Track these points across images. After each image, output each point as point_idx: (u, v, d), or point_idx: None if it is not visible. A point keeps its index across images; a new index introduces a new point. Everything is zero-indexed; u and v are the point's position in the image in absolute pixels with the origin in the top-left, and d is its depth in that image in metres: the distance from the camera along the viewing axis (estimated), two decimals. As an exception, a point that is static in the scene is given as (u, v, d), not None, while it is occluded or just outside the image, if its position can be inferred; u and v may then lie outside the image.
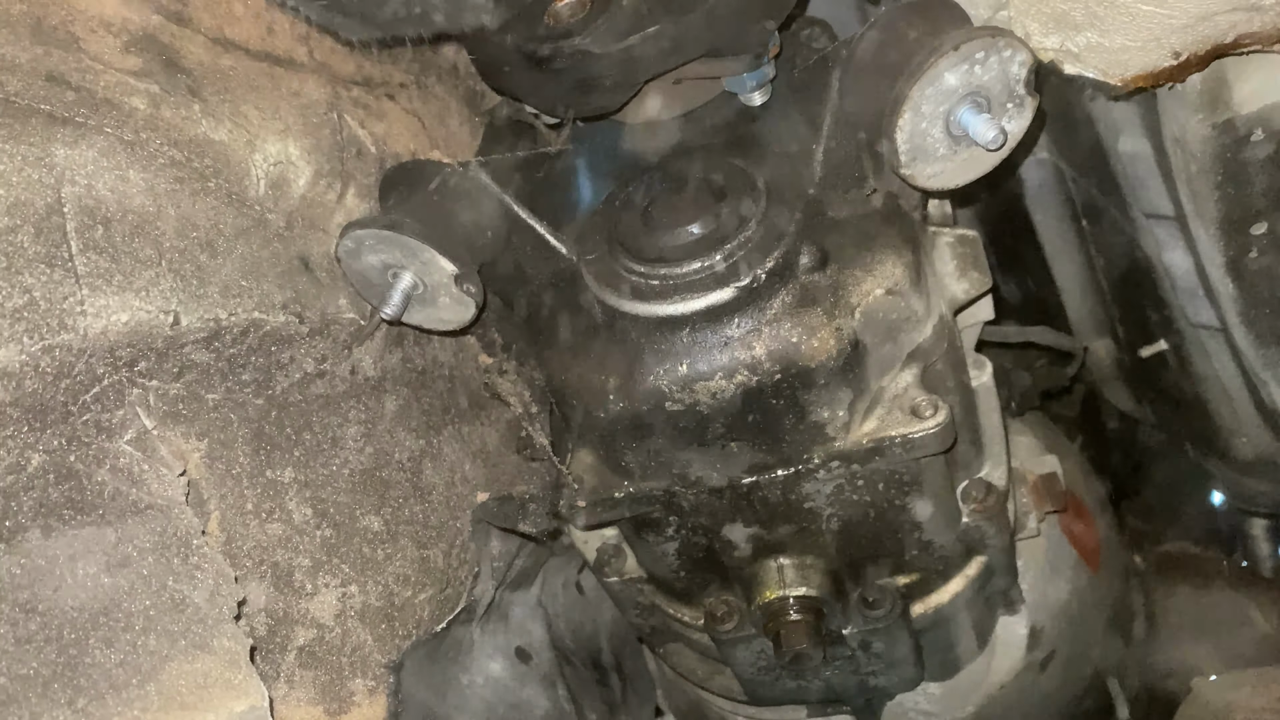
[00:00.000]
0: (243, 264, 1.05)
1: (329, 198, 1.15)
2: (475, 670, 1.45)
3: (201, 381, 1.02)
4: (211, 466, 1.04)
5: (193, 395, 1.02)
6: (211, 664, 0.96)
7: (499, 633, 1.50)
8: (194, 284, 1.01)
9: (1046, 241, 1.68)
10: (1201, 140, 1.16)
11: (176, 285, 0.99)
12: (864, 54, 1.04)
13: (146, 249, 0.98)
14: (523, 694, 1.50)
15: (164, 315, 0.98)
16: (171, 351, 0.99)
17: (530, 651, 1.54)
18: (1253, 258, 1.26)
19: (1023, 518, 1.35)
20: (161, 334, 0.97)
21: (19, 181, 0.91)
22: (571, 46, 1.00)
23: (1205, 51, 1.03)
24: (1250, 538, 2.03)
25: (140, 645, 0.94)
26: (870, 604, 1.18)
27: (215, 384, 1.03)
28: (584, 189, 1.19)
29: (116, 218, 0.96)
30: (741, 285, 0.99)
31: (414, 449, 1.25)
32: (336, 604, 1.14)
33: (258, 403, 1.07)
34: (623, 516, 1.15)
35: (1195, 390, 1.59)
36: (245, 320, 1.04)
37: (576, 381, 1.08)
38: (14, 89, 0.93)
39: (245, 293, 1.05)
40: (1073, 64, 1.07)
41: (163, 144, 1.01)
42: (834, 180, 1.09)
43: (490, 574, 1.38)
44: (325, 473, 1.14)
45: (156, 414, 0.98)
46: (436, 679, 1.38)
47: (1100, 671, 1.60)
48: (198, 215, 1.03)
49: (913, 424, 1.02)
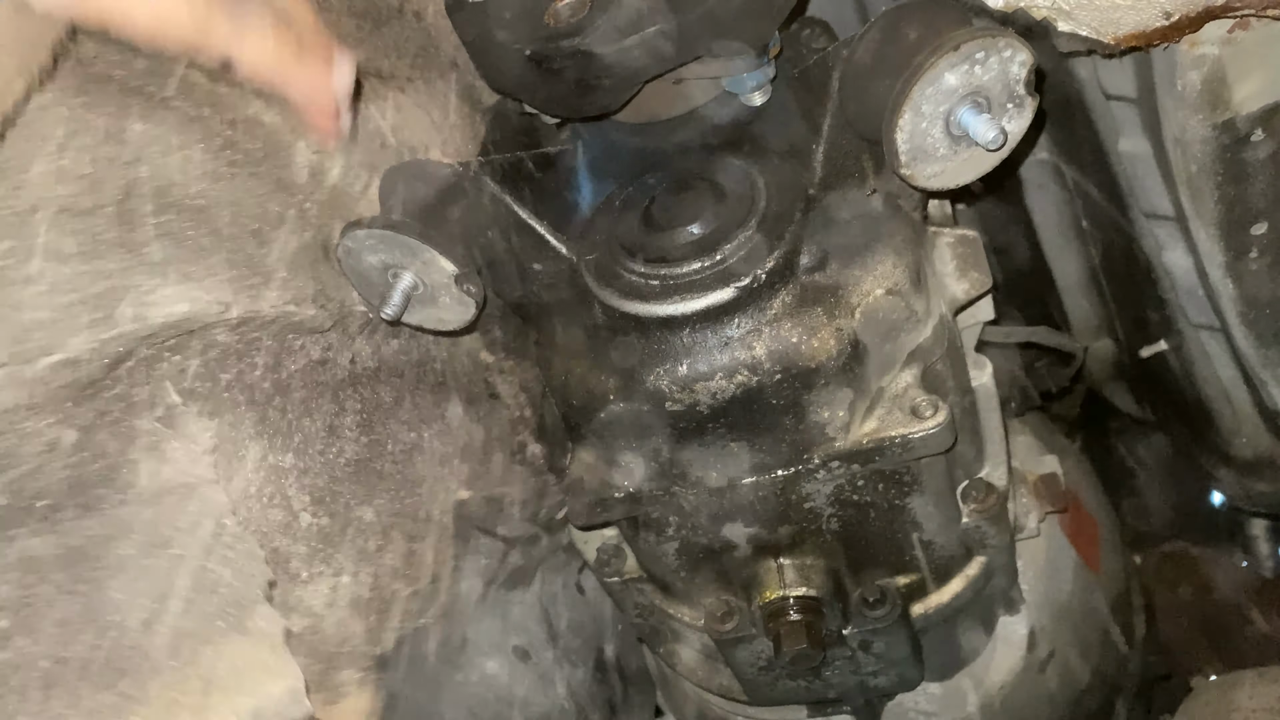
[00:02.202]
0: (283, 254, 1.03)
1: (355, 188, 1.13)
2: (470, 668, 1.45)
3: (219, 361, 1.00)
4: (219, 448, 1.02)
5: (209, 374, 0.99)
6: (248, 646, 0.95)
7: (495, 631, 1.50)
8: (245, 274, 0.98)
9: (1046, 241, 1.68)
10: (1202, 140, 1.16)
11: (232, 276, 0.97)
12: (864, 54, 1.04)
13: (206, 236, 0.95)
14: (519, 693, 1.50)
15: (218, 306, 0.95)
16: (201, 331, 0.97)
17: (529, 651, 1.54)
18: (1253, 258, 1.25)
19: (1023, 518, 1.35)
20: (207, 321, 0.95)
21: (99, 158, 0.87)
22: (572, 46, 1.00)
23: (1196, 13, 1.03)
24: (1250, 538, 2.03)
25: (179, 627, 0.92)
26: (870, 604, 1.18)
27: (230, 364, 1.01)
28: (584, 189, 1.19)
29: (183, 201, 0.93)
30: (742, 285, 0.99)
31: (406, 441, 1.23)
32: (328, 593, 1.13)
33: (264, 386, 1.05)
34: (622, 516, 1.15)
35: (1195, 390, 1.59)
36: (278, 312, 1.02)
37: (576, 381, 1.08)
38: (89, 51, 0.88)
39: (285, 285, 1.03)
40: (1066, 21, 1.06)
41: (220, 123, 0.97)
42: (834, 180, 1.09)
43: (478, 571, 1.38)
44: (322, 460, 1.13)
45: (182, 391, 0.96)
46: (428, 676, 1.37)
47: (1102, 678, 1.60)
48: (248, 202, 1.00)
49: (913, 424, 1.02)
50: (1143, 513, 2.15)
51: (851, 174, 1.09)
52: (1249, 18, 1.05)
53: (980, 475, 1.23)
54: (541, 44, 1.01)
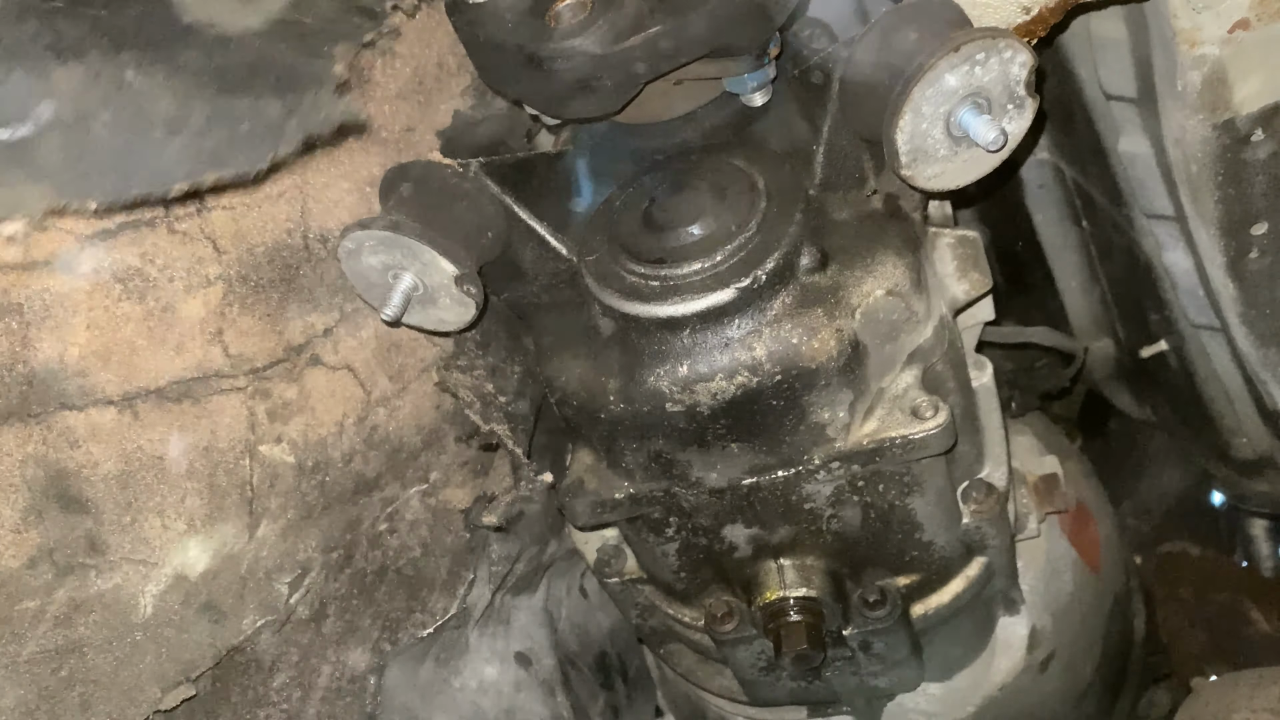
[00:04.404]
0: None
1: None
2: (467, 674, 1.45)
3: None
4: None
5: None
6: None
7: (498, 637, 1.50)
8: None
9: (1046, 241, 1.68)
10: (1202, 140, 1.16)
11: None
12: (864, 55, 1.04)
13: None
14: (517, 699, 1.50)
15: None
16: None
17: (531, 657, 1.54)
18: (1253, 258, 1.25)
19: (1023, 518, 1.35)
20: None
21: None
22: (572, 48, 1.00)
23: (1054, 4, 1.05)
24: (1250, 538, 2.03)
25: None
26: (871, 605, 1.18)
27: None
28: (585, 190, 1.19)
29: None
30: (742, 286, 0.99)
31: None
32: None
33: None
34: (623, 517, 1.15)
35: (1195, 391, 1.59)
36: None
37: (576, 382, 1.08)
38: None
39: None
40: None
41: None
42: (834, 181, 1.09)
43: (488, 579, 1.38)
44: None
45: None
46: (422, 681, 1.38)
47: (1102, 679, 1.60)
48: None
49: (913, 425, 1.02)
50: (1143, 513, 2.15)
51: (852, 175, 1.09)
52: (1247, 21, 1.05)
53: (980, 476, 1.23)
54: (542, 45, 1.01)
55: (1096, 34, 1.26)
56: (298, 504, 1.17)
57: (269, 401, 1.13)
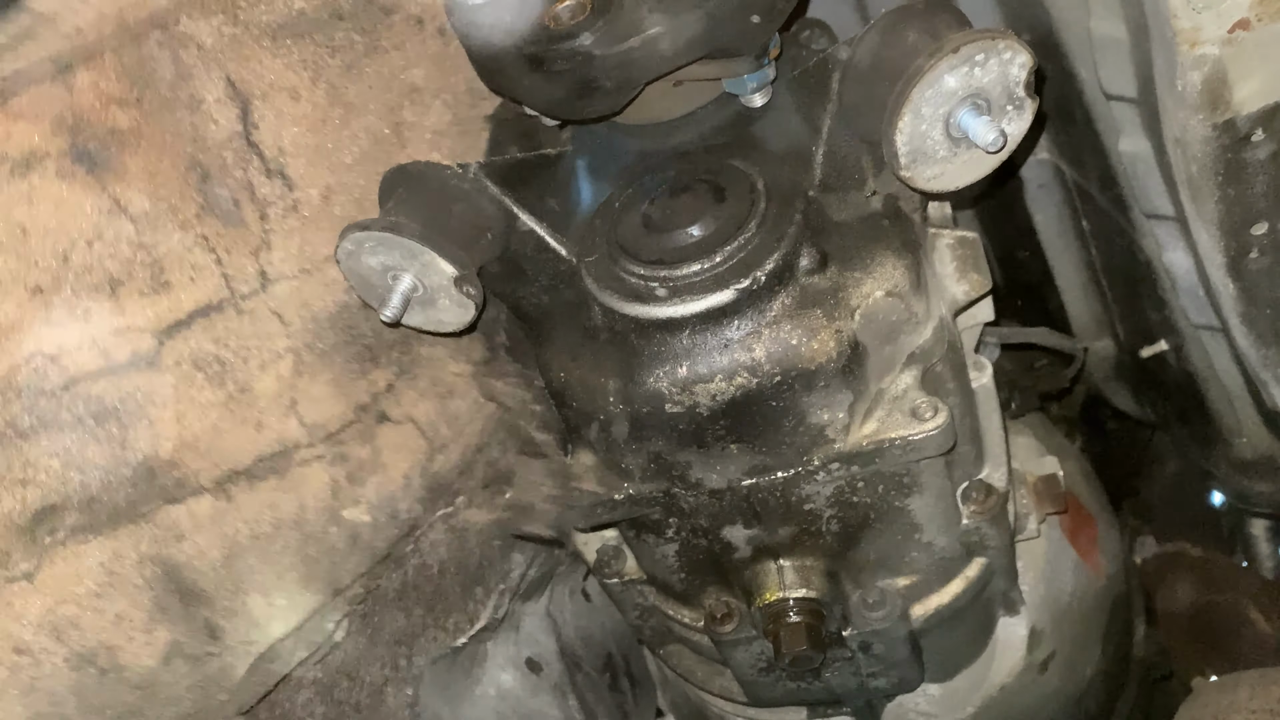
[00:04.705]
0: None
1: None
2: (487, 681, 1.46)
3: None
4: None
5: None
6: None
7: (510, 644, 1.51)
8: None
9: (1046, 241, 1.68)
10: (1202, 140, 1.16)
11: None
12: (864, 56, 1.04)
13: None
14: (533, 704, 1.51)
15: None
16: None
17: (540, 662, 1.55)
18: (1253, 258, 1.25)
19: (1023, 519, 1.35)
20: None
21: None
22: (572, 48, 1.00)
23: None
24: (1250, 538, 2.03)
25: None
26: (870, 606, 1.18)
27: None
28: (584, 191, 1.19)
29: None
30: (741, 287, 0.99)
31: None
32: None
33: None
34: (623, 518, 1.15)
35: (1195, 390, 1.59)
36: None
37: (576, 383, 1.08)
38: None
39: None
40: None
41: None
42: (834, 182, 1.09)
43: (509, 588, 1.39)
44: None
45: None
46: (452, 690, 1.39)
47: (1102, 679, 1.60)
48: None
49: (913, 426, 1.02)
50: (1143, 513, 2.15)
51: (851, 176, 1.09)
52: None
53: (980, 476, 1.23)
54: (541, 46, 1.01)
55: (1096, 34, 1.25)
56: (369, 560, 1.19)
57: (347, 465, 1.15)
